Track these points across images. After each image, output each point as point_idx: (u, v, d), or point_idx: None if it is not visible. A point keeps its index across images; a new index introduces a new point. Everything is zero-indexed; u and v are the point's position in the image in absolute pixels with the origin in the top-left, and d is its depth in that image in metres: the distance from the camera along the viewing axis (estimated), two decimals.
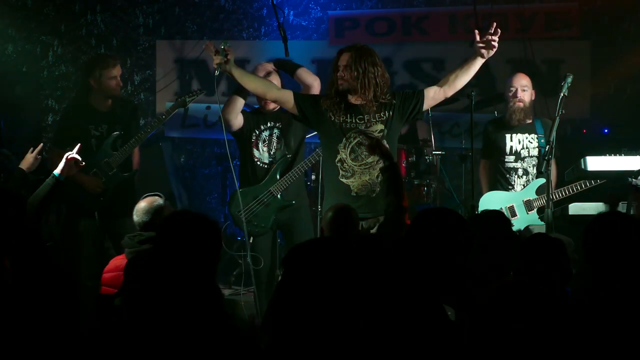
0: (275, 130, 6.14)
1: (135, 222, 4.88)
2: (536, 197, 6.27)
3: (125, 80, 8.43)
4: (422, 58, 8.17)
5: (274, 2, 5.62)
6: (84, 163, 5.50)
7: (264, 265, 6.04)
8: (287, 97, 5.27)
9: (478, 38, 5.04)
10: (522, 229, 6.22)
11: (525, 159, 6.44)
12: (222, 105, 5.93)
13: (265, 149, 6.15)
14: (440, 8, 8.15)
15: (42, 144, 5.74)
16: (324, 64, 7.46)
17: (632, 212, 5.52)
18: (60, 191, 5.37)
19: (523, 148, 6.46)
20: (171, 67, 8.37)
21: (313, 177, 6.99)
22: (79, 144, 5.54)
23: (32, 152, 5.61)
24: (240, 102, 6.03)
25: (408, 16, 8.14)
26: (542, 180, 6.08)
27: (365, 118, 5.09)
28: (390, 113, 5.11)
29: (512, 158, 6.45)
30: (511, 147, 6.47)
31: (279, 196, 6.10)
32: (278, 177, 6.10)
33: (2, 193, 4.08)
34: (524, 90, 6.43)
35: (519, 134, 6.47)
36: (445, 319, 2.74)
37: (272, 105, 6.00)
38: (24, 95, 8.20)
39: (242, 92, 5.92)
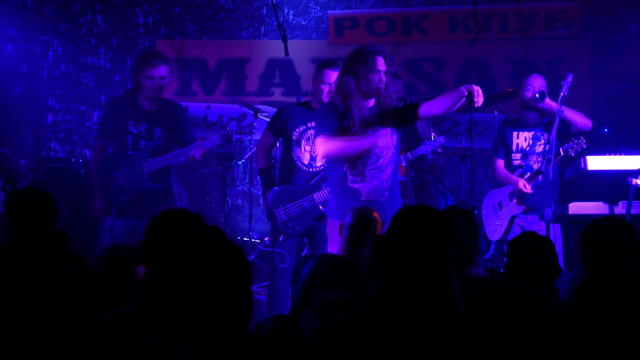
0: None
1: None
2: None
3: (125, 80, 8.44)
4: (422, 57, 8.17)
5: (274, 2, 5.61)
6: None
7: (287, 265, 5.96)
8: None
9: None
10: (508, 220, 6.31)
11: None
12: None
13: (307, 148, 5.74)
14: (440, 7, 8.15)
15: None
16: None
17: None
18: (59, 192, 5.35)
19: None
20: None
21: None
22: None
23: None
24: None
25: (408, 15, 8.14)
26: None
27: (373, 121, 5.12)
28: (394, 116, 5.15)
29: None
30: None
31: (321, 206, 5.68)
32: (324, 186, 5.67)
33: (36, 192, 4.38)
34: None
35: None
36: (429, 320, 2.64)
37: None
38: (24, 95, 8.20)
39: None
